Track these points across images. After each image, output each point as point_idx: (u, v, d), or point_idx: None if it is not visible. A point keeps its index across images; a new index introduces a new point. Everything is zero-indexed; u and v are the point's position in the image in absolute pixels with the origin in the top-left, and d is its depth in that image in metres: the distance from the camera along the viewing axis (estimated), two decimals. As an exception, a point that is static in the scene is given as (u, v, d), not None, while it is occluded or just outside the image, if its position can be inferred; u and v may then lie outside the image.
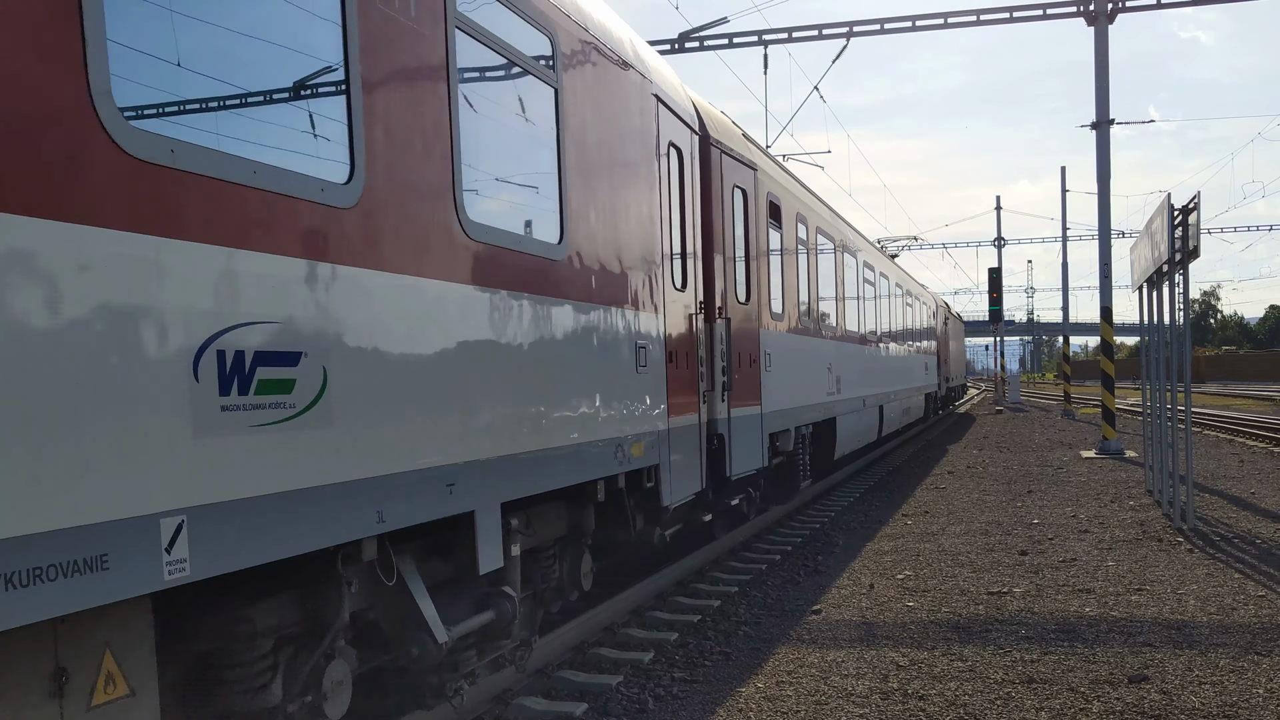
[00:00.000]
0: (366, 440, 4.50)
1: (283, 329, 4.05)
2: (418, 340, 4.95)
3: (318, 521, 4.19)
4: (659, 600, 9.35)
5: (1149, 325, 15.03)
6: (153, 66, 3.66)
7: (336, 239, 4.38)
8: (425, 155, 5.07)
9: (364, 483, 4.47)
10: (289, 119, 4.37)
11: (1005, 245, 60.76)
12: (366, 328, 4.55)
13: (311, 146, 4.41)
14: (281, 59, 4.31)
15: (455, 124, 5.34)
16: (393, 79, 4.86)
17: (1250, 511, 13.84)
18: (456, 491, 5.20)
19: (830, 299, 16.60)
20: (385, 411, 4.64)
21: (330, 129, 4.49)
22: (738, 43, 25.39)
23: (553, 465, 6.32)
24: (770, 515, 13.74)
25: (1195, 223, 11.46)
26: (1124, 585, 9.55)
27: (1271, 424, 29.78)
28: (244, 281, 3.88)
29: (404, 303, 4.84)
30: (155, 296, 3.48)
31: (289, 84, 4.36)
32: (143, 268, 3.44)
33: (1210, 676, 6.81)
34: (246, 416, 3.84)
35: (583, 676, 7.03)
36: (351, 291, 4.45)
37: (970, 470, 20.62)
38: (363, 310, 4.53)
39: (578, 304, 6.73)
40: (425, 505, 4.95)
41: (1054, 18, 24.15)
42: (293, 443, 4.07)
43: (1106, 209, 23.62)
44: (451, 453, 5.18)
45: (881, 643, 7.88)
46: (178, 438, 3.54)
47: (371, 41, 4.67)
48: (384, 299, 4.67)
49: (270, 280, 4.01)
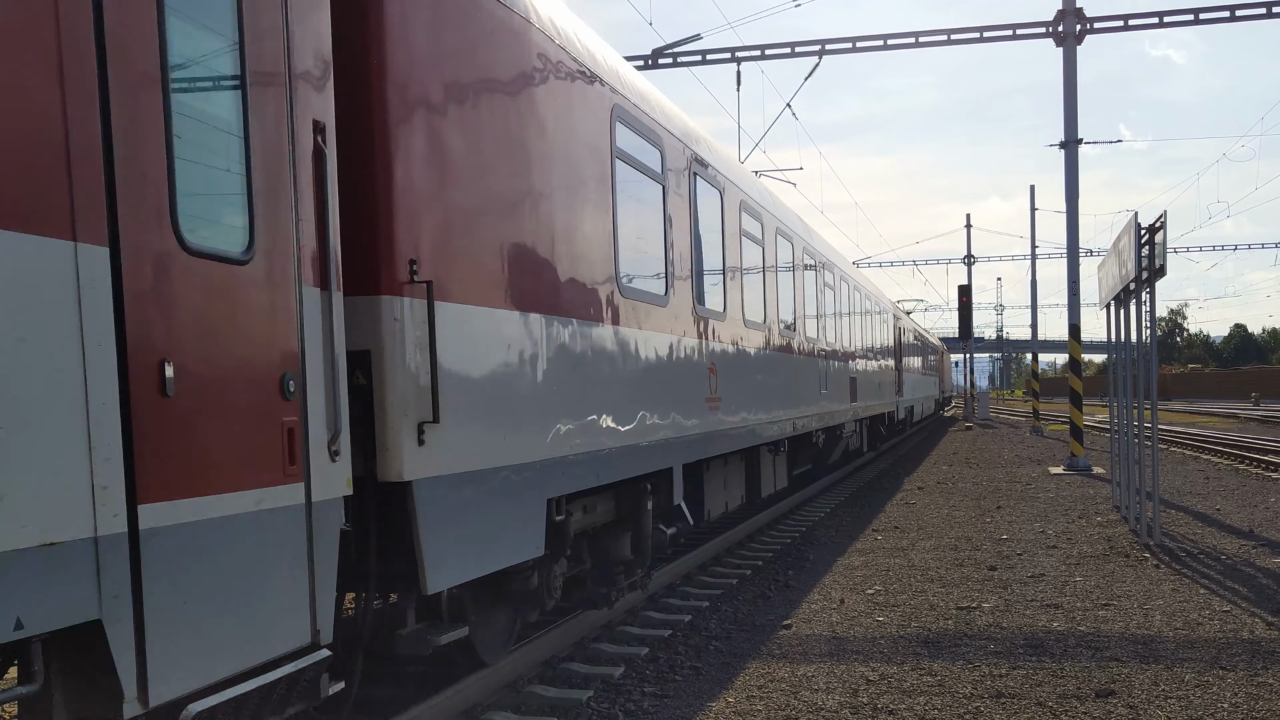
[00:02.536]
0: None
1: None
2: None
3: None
4: (630, 615, 9.33)
5: (1116, 343, 15.20)
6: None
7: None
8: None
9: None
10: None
11: (975, 262, 61.21)
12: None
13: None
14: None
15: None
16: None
17: (1215, 528, 13.99)
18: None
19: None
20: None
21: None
22: (711, 59, 25.50)
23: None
24: (741, 530, 13.77)
25: (1162, 242, 11.60)
26: (1091, 600, 9.62)
27: (1236, 441, 30.13)
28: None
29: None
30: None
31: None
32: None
33: (1176, 691, 6.86)
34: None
35: (553, 691, 6.99)
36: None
37: (940, 486, 20.73)
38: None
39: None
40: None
41: (1023, 38, 24.45)
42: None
43: (1075, 227, 23.88)
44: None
45: (851, 657, 7.89)
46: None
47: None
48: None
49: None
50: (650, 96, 9.20)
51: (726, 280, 11.28)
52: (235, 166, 4.37)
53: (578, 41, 7.52)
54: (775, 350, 13.47)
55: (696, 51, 25.33)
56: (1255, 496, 17.49)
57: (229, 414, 4.20)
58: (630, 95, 8.47)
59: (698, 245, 10.26)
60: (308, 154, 4.70)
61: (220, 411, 4.15)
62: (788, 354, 14.30)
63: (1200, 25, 23.70)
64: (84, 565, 3.47)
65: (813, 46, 25.32)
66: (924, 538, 13.71)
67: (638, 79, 9.01)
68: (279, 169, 4.55)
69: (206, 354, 4.11)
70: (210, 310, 4.14)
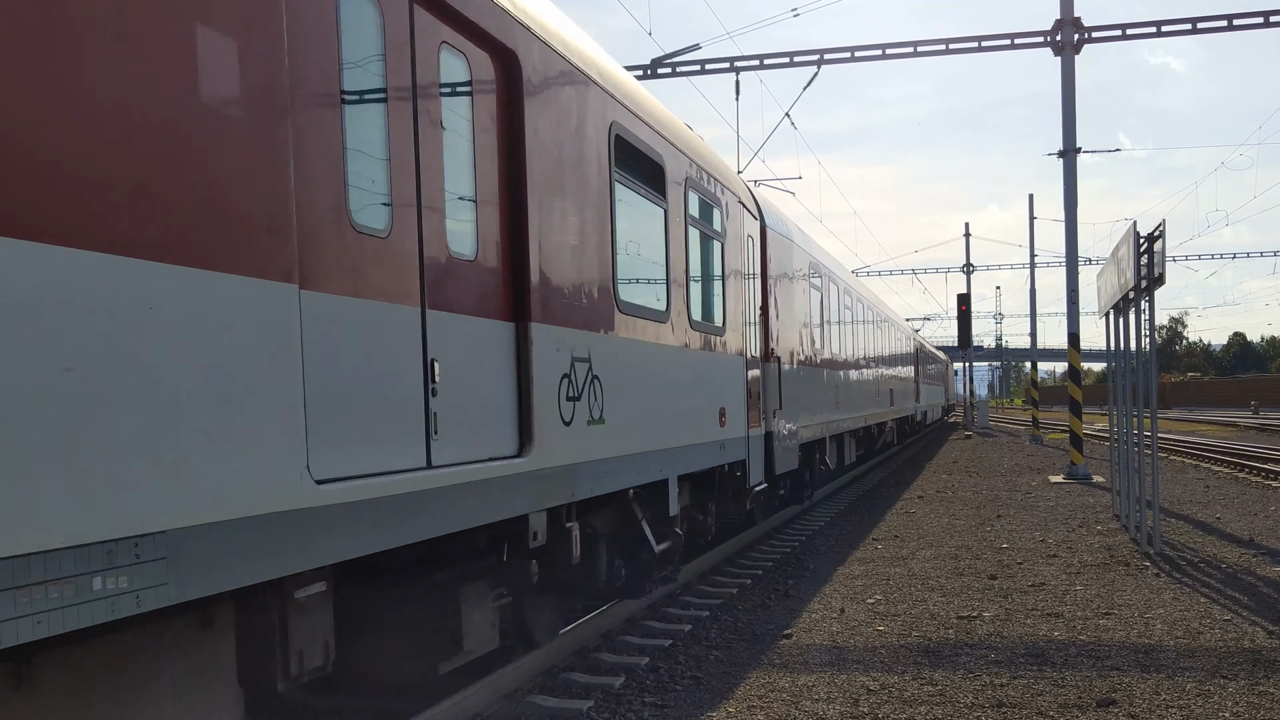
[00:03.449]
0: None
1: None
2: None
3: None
4: (629, 625, 9.31)
5: (1116, 351, 15.20)
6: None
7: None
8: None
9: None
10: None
11: (974, 271, 61.29)
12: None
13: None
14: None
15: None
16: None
17: (1215, 536, 13.98)
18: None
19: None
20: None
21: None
22: (710, 69, 25.54)
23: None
24: (740, 539, 13.80)
25: (1161, 250, 11.62)
26: (1092, 609, 9.61)
27: (1235, 449, 30.12)
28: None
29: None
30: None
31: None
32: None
33: (1177, 700, 6.85)
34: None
35: (553, 701, 6.98)
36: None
37: (940, 495, 20.72)
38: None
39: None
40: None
41: (1021, 47, 24.47)
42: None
43: (1074, 236, 23.89)
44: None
45: (852, 667, 7.88)
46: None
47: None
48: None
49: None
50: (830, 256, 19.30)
51: (854, 339, 22.41)
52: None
53: (810, 242, 16.38)
54: (861, 376, 23.29)
55: (695, 61, 25.39)
56: (1255, 505, 17.48)
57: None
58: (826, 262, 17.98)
59: (840, 329, 19.90)
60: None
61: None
62: (863, 378, 23.87)
63: (1198, 35, 23.77)
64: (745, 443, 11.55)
65: (811, 56, 25.37)
66: (924, 546, 13.69)
67: (837, 264, 19.43)
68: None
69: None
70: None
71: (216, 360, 3.75)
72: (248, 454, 3.86)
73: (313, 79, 4.38)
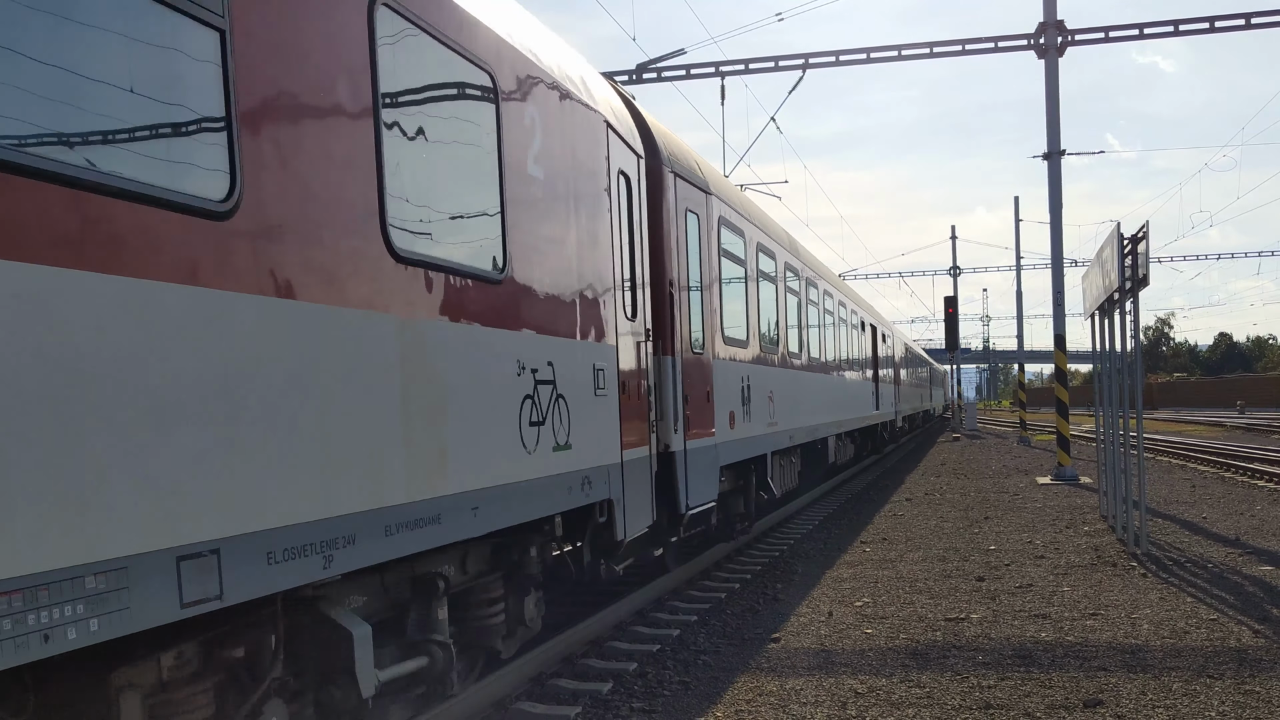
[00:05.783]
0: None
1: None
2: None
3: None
4: (617, 630, 9.30)
5: (1101, 352, 15.25)
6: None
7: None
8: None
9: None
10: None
11: (961, 274, 61.47)
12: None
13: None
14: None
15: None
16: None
17: (1202, 536, 14.02)
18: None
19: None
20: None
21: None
22: (695, 74, 25.59)
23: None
24: (730, 545, 13.70)
25: (1145, 251, 11.66)
26: (1079, 610, 9.63)
27: (1222, 449, 30.25)
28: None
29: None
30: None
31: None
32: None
33: (1164, 700, 6.87)
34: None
35: (541, 708, 6.96)
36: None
37: (928, 497, 20.75)
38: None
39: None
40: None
41: (1005, 50, 24.59)
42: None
43: (1059, 238, 24.00)
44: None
45: (840, 670, 7.88)
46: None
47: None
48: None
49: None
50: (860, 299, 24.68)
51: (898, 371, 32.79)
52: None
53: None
54: (898, 381, 32.60)
55: (681, 66, 25.42)
56: (1241, 504, 17.55)
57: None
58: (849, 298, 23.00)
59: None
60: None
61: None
62: (899, 382, 31.57)
63: (1180, 36, 23.89)
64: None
65: (796, 60, 25.44)
66: (912, 549, 13.71)
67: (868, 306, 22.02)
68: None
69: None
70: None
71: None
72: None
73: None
